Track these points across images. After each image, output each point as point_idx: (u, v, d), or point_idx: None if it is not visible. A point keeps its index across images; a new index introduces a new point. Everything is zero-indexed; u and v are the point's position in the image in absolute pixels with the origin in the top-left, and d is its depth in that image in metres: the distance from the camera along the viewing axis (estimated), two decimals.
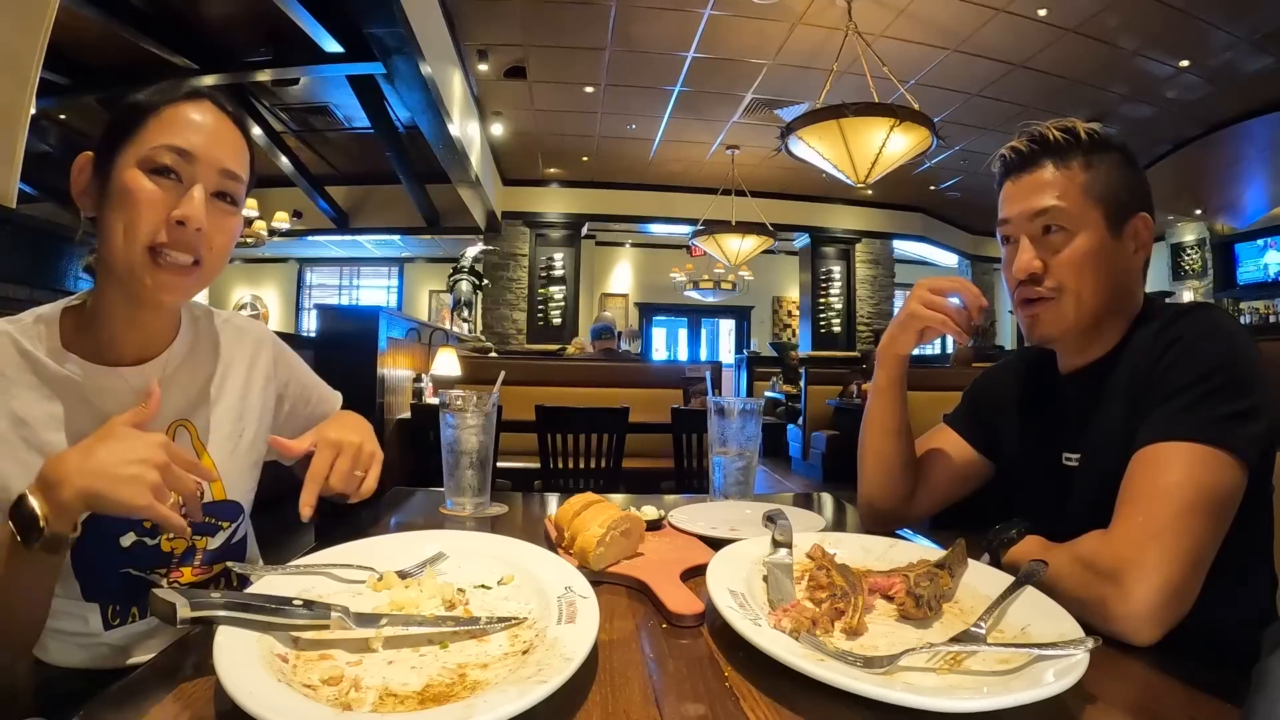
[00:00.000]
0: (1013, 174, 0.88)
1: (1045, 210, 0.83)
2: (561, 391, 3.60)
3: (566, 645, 0.51)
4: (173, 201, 0.73)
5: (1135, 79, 5.96)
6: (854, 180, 4.27)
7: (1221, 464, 0.67)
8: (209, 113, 0.77)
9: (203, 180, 0.75)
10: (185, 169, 0.74)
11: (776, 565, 0.68)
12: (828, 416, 6.23)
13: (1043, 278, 0.84)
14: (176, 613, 0.49)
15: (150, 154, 0.72)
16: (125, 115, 0.75)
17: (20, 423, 0.71)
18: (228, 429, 0.88)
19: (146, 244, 0.72)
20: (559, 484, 2.75)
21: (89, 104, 5.96)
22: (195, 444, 0.84)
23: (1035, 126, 0.86)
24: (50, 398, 0.74)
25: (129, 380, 0.79)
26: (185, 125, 0.74)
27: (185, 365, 0.85)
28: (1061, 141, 0.83)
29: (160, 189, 0.73)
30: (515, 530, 0.97)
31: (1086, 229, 0.82)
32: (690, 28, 5.43)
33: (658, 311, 12.29)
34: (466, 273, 6.57)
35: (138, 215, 0.72)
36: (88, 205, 0.76)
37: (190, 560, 0.83)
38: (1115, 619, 0.62)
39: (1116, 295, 0.84)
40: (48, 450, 0.72)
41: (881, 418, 1.00)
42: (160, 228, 0.73)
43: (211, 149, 0.75)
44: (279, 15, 4.19)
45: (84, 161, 0.76)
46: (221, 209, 0.77)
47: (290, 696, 0.44)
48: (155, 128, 0.74)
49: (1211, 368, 0.71)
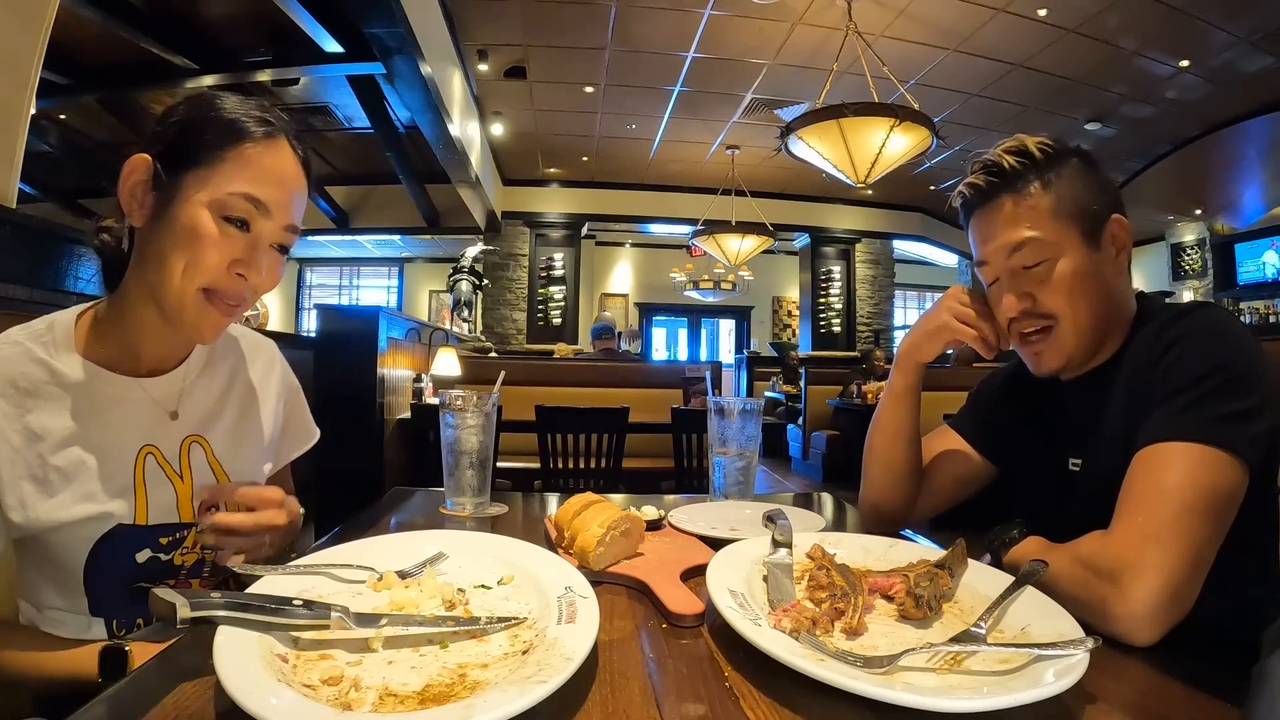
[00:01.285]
0: (975, 212, 0.86)
1: (1020, 245, 0.81)
2: (561, 391, 3.60)
3: (566, 645, 0.51)
4: (237, 250, 0.72)
5: (1135, 79, 5.95)
6: (854, 180, 4.27)
7: (1222, 464, 0.66)
8: (286, 160, 0.75)
9: (269, 236, 0.74)
10: (256, 220, 0.73)
11: (776, 565, 0.68)
12: (828, 416, 6.23)
13: (1035, 310, 0.83)
14: (176, 613, 0.50)
15: (226, 200, 0.70)
16: (196, 133, 0.71)
17: (35, 438, 0.70)
18: (240, 443, 0.87)
19: (203, 286, 0.72)
20: (559, 484, 2.76)
21: (89, 104, 5.96)
22: (210, 460, 0.83)
23: (986, 155, 0.84)
24: (66, 409, 0.72)
25: (148, 391, 0.78)
26: (264, 174, 0.72)
27: (201, 379, 0.85)
28: (1016, 166, 0.81)
29: (228, 236, 0.71)
30: (515, 530, 0.97)
31: (1066, 252, 0.80)
32: (690, 28, 5.43)
33: (658, 311, 12.28)
34: (466, 273, 6.58)
35: (202, 259, 0.70)
36: (137, 217, 0.73)
37: (199, 573, 0.82)
38: (1114, 619, 0.62)
39: (1111, 306, 0.83)
40: (66, 467, 0.71)
41: (893, 422, 0.99)
42: (221, 274, 0.72)
43: (285, 202, 0.75)
44: (279, 15, 4.19)
45: (140, 164, 0.71)
46: (275, 256, 0.77)
47: (290, 696, 0.44)
48: (233, 166, 0.71)
49: (1212, 367, 0.71)
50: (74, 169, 7.06)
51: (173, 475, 0.79)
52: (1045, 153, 0.81)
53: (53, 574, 0.74)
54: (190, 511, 0.79)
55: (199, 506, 0.78)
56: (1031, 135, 0.84)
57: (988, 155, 0.84)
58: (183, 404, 0.81)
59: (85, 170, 7.00)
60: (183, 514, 0.79)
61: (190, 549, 0.80)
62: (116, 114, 6.23)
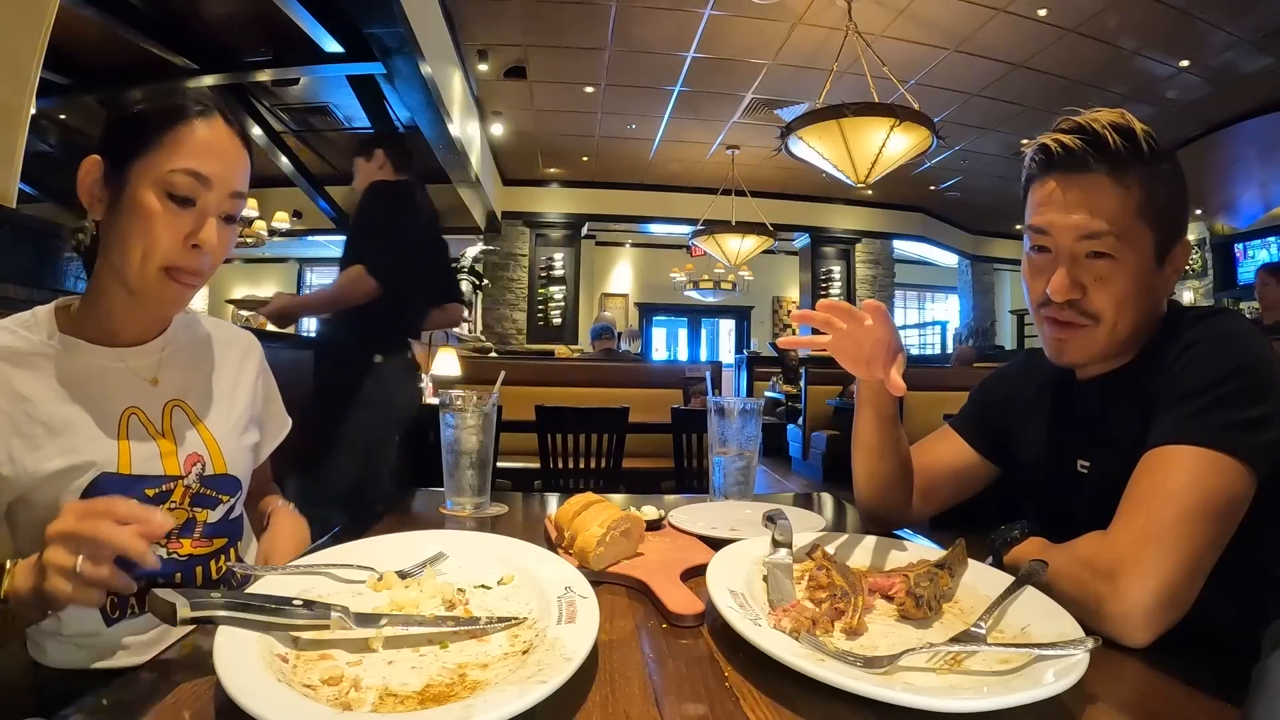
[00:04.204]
0: (1058, 173, 0.77)
1: (1097, 235, 0.74)
2: (561, 391, 3.60)
3: (566, 645, 0.51)
4: (187, 225, 0.77)
5: (1135, 79, 5.96)
6: (854, 180, 4.27)
7: (1228, 470, 0.65)
8: (221, 132, 0.80)
9: (216, 205, 0.79)
10: (200, 194, 0.77)
11: (776, 565, 0.68)
12: (828, 416, 6.23)
13: (1081, 305, 0.77)
14: (176, 613, 0.49)
15: (168, 178, 0.75)
16: (135, 125, 0.77)
17: (21, 398, 0.74)
18: (224, 408, 0.91)
19: (162, 265, 0.77)
20: (559, 484, 2.75)
21: (89, 104, 5.95)
22: (191, 418, 0.87)
23: (1084, 118, 0.76)
24: (51, 375, 0.76)
25: (127, 361, 0.83)
26: (200, 149, 0.77)
27: (180, 351, 0.89)
28: (1122, 151, 0.73)
29: (176, 213, 0.76)
30: (515, 530, 0.97)
31: (1135, 258, 0.75)
32: (690, 28, 5.43)
33: (658, 311, 12.28)
34: (466, 273, 6.58)
35: (155, 240, 0.75)
36: (97, 210, 0.79)
37: (190, 533, 0.83)
38: (1109, 619, 0.62)
39: (1148, 321, 0.80)
40: (51, 423, 0.74)
41: (864, 436, 0.94)
42: (176, 250, 0.77)
43: (225, 173, 0.79)
44: (279, 15, 4.19)
45: (91, 165, 0.78)
46: (225, 226, 0.81)
47: (290, 696, 0.44)
48: (170, 147, 0.76)
49: (1226, 373, 0.69)
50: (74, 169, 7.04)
51: (155, 434, 0.82)
52: (1151, 146, 0.74)
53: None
54: (175, 466, 0.82)
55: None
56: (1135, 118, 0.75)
57: (1083, 119, 0.75)
58: (162, 372, 0.86)
59: None
60: (166, 467, 0.81)
61: (179, 504, 0.81)
62: None
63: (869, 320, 0.81)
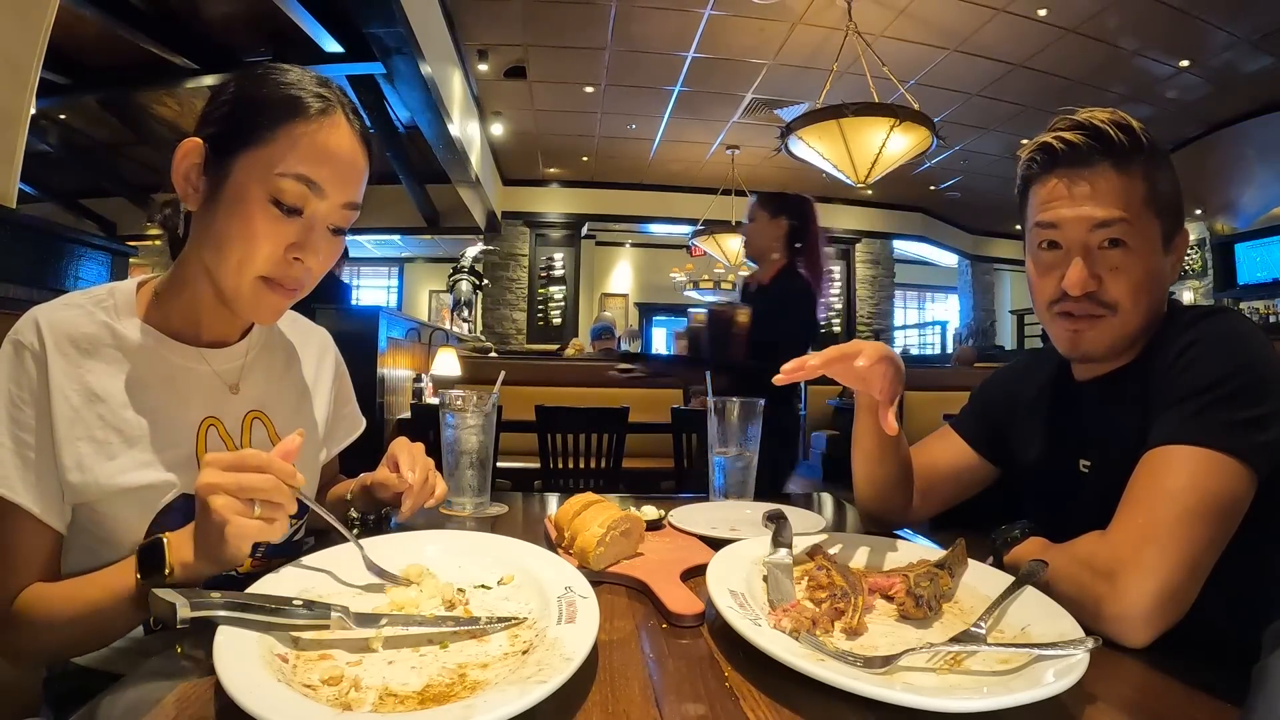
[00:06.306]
0: (1062, 169, 0.78)
1: (1109, 223, 0.75)
2: (561, 391, 3.60)
3: (566, 645, 0.51)
4: (292, 235, 0.70)
5: (1135, 79, 5.96)
6: (854, 180, 4.27)
7: (1228, 470, 0.65)
8: (342, 134, 0.71)
9: (326, 216, 0.71)
10: (310, 203, 0.70)
11: (776, 565, 0.68)
12: (828, 416, 6.24)
13: (1099, 296, 0.78)
14: (176, 613, 0.49)
15: (277, 183, 0.67)
16: (245, 112, 0.69)
17: (95, 399, 0.68)
18: (298, 423, 0.86)
19: (260, 274, 0.70)
20: (559, 484, 2.75)
21: (89, 104, 5.96)
22: (271, 434, 0.82)
23: (1082, 115, 0.77)
24: (127, 372, 0.70)
25: (210, 363, 0.77)
26: (319, 153, 0.69)
27: (262, 355, 0.84)
28: (1124, 144, 0.75)
29: (281, 220, 0.69)
30: (515, 530, 0.97)
31: (1146, 246, 0.76)
32: (690, 28, 5.43)
33: (658, 311, 12.27)
34: (466, 273, 6.58)
35: (255, 248, 0.68)
36: (192, 200, 0.71)
37: (254, 552, 0.76)
38: (1108, 619, 0.62)
39: (1158, 311, 0.81)
40: (127, 430, 0.68)
41: (860, 438, 0.95)
42: (276, 261, 0.70)
43: (341, 181, 0.71)
44: (279, 15, 4.19)
45: (191, 148, 0.69)
46: (332, 238, 0.74)
47: (290, 696, 0.44)
48: (286, 145, 0.68)
49: (1226, 373, 0.69)
50: (74, 169, 7.06)
51: (233, 450, 0.76)
52: (1149, 139, 0.76)
53: (108, 556, 0.68)
54: None
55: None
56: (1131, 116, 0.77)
57: (1080, 116, 0.77)
58: (244, 379, 0.80)
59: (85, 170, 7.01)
60: None
61: None
62: (117, 114, 6.23)
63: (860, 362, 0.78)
